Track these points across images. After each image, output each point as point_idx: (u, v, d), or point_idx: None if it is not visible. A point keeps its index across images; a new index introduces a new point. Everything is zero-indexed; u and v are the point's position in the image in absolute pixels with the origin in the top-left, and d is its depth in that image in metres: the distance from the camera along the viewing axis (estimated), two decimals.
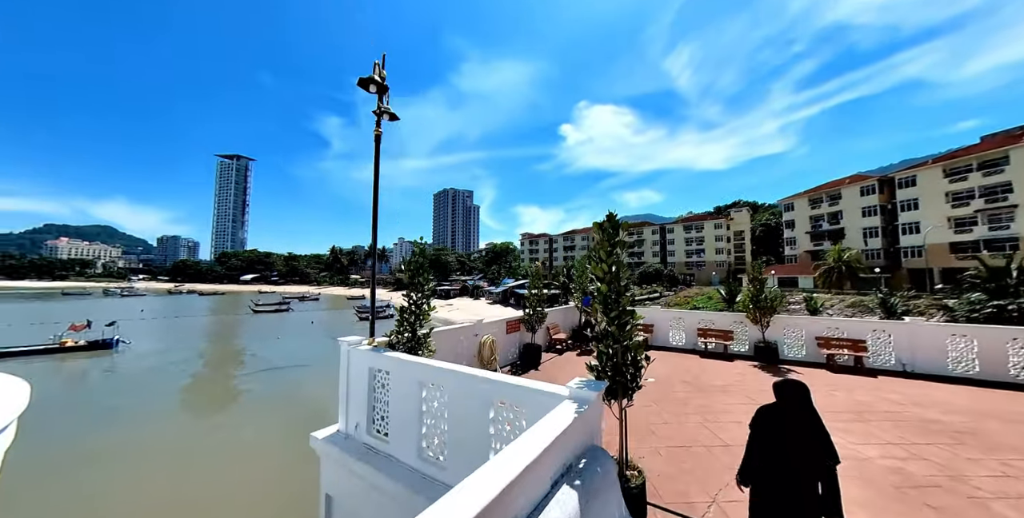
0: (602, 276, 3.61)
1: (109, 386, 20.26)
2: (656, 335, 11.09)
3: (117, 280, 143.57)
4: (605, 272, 3.59)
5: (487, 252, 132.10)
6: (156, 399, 17.65)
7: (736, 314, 10.24)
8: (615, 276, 3.56)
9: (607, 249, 3.61)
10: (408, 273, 5.71)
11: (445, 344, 7.13)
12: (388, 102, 6.27)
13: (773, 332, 9.39)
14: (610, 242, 3.61)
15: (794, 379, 2.66)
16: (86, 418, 14.97)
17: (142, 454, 11.58)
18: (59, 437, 12.57)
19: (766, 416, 2.61)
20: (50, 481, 9.64)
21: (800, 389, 2.54)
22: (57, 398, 17.72)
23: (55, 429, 13.39)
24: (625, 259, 3.75)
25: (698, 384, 7.32)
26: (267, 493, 9.45)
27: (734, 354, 9.81)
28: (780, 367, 8.65)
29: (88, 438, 12.72)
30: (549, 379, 7.95)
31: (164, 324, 43.61)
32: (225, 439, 13.17)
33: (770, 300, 9.07)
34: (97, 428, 13.80)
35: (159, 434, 13.16)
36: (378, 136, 5.75)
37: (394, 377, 4.66)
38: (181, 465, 10.82)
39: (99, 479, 9.99)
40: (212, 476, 10.32)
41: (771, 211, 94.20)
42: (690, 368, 8.56)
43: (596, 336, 3.60)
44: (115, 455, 11.53)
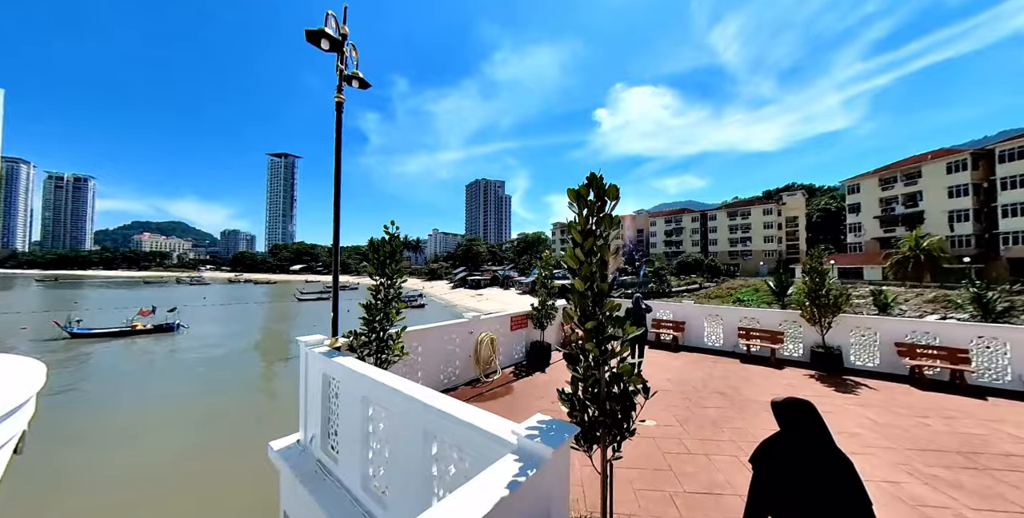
0: (577, 266, 2.54)
1: (162, 365, 22.42)
2: (688, 334, 9.67)
3: (188, 270, 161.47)
4: (581, 261, 2.51)
5: (518, 242, 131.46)
6: (185, 379, 19.15)
7: (787, 312, 8.56)
8: (598, 267, 2.47)
9: (584, 227, 2.51)
10: (373, 262, 4.92)
11: (434, 343, 6.37)
12: (358, 65, 5.45)
13: (836, 335, 7.69)
14: (591, 216, 2.50)
15: (797, 397, 2.03)
16: (130, 391, 16.89)
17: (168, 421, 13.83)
18: (111, 405, 14.98)
19: (770, 450, 2.02)
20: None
21: (807, 411, 1.95)
22: (124, 373, 20.11)
23: (112, 397, 16.02)
24: (617, 242, 2.62)
25: (736, 398, 5.99)
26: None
27: (784, 360, 8.22)
28: (844, 378, 7.02)
29: (130, 407, 14.87)
30: (554, 383, 7.04)
31: (221, 311, 47.80)
32: (238, 413, 14.55)
33: (834, 296, 7.36)
34: (144, 398, 16.02)
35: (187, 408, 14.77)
36: (339, 104, 4.92)
37: (343, 388, 3.92)
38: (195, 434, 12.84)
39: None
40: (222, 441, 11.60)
41: (831, 194, 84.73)
42: (727, 376, 7.18)
43: (569, 355, 2.56)
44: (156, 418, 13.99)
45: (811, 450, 1.85)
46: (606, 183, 2.50)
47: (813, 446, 1.85)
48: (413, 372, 6.01)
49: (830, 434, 1.89)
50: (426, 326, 6.29)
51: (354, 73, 5.30)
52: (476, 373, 6.96)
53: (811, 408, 1.94)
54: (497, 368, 7.43)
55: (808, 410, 1.93)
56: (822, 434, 1.87)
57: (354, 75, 5.31)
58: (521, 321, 8.37)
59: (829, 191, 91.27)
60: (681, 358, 8.57)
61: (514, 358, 8.21)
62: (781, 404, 2.00)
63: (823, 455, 1.83)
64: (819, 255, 7.90)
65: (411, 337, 6.00)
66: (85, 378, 19.26)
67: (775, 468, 1.94)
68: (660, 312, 10.32)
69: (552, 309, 8.36)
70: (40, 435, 12.35)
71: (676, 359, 8.50)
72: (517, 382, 6.96)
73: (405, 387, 3.08)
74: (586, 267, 2.46)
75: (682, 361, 8.32)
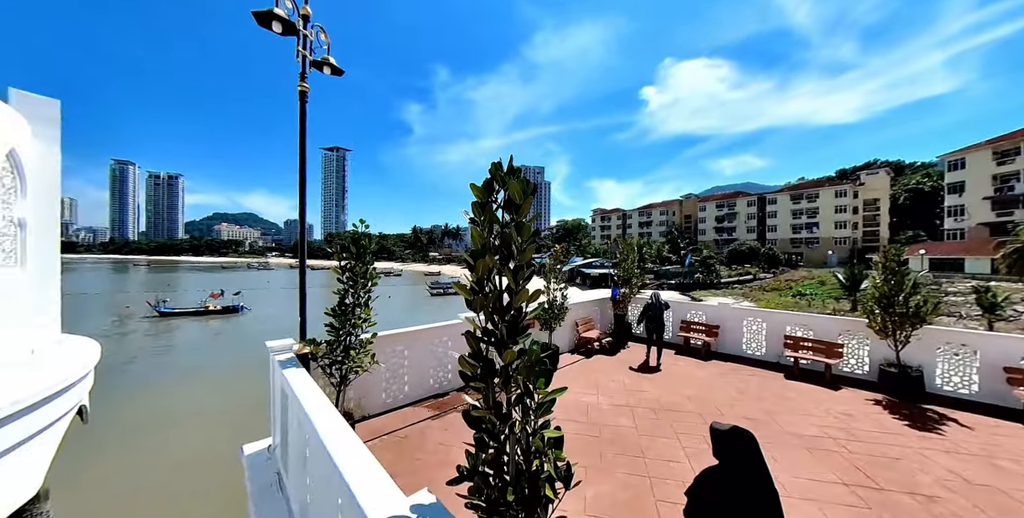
0: (470, 298, 1.84)
1: (226, 339, 25.70)
2: (723, 339, 8.41)
3: (257, 256, 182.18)
4: (475, 289, 1.80)
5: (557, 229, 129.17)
6: (229, 353, 22.16)
7: (850, 319, 7.02)
8: (504, 253, 1.74)
9: (484, 242, 1.77)
10: (344, 261, 4.52)
11: (423, 346, 5.95)
12: (329, 50, 4.95)
13: (916, 350, 6.13)
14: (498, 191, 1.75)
15: (741, 427, 1.82)
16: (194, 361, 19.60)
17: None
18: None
19: (702, 485, 1.89)
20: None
21: (746, 442, 1.76)
22: (197, 344, 23.34)
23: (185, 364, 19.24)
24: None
25: (770, 428, 4.92)
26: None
27: (841, 377, 6.80)
28: (924, 408, 5.56)
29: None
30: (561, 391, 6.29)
31: (280, 294, 52.59)
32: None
33: (915, 304, 5.81)
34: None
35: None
36: (302, 93, 4.46)
37: (290, 404, 3.59)
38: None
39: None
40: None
41: (925, 171, 72.40)
42: (764, 395, 6.02)
43: (467, 412, 1.86)
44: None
45: (742, 487, 1.73)
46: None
47: (745, 483, 1.73)
48: (399, 377, 5.67)
49: (768, 473, 1.75)
50: (413, 328, 5.88)
51: (324, 59, 4.83)
52: None
53: (752, 441, 1.79)
54: None
55: (747, 441, 1.78)
56: (759, 472, 1.74)
57: (324, 61, 4.84)
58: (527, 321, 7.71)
59: (922, 168, 78.01)
60: (710, 368, 7.45)
61: None
62: (723, 432, 1.84)
63: (753, 494, 1.70)
64: (897, 250, 6.27)
65: (396, 340, 5.64)
66: (176, 344, 22.74)
67: (704, 505, 1.85)
68: (691, 313, 9.10)
69: (562, 309, 7.61)
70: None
71: (704, 369, 7.40)
72: None
73: (320, 418, 2.61)
74: (479, 300, 1.75)
75: (711, 372, 7.21)
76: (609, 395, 6.09)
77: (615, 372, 7.27)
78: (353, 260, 4.48)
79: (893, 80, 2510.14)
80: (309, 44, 4.62)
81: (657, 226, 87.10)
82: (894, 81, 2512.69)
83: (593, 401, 5.82)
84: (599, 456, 4.26)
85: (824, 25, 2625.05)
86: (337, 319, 4.38)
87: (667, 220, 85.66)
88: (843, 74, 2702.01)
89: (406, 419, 5.23)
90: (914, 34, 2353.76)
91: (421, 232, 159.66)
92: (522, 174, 1.78)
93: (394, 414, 5.38)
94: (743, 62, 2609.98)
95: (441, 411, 5.50)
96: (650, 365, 7.63)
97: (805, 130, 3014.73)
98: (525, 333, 1.81)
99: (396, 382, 5.64)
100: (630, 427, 4.92)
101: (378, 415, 5.33)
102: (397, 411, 5.47)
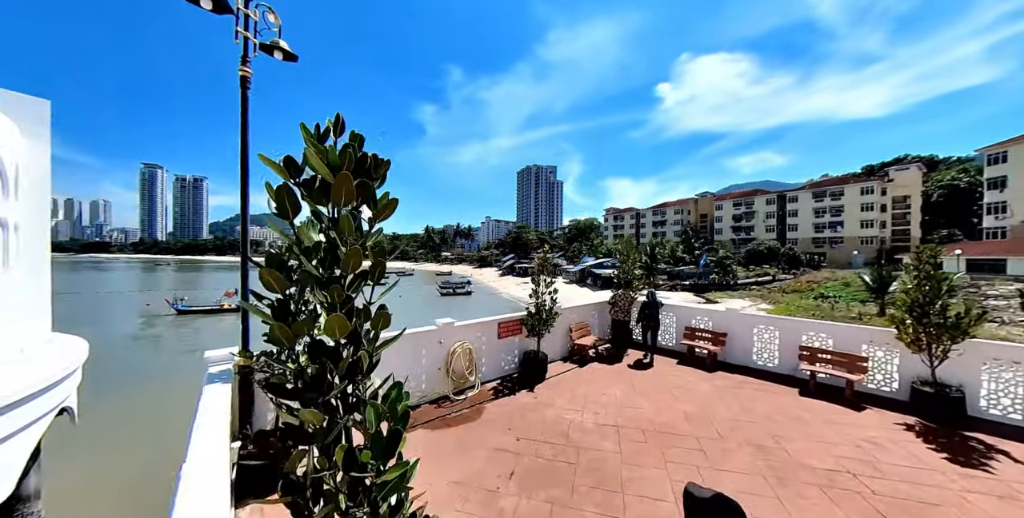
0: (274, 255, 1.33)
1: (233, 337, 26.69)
2: (731, 348, 7.65)
3: None
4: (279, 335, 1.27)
5: (570, 229, 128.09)
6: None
7: (876, 329, 6.19)
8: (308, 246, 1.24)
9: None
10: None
11: (392, 356, 5.46)
12: (280, 33, 4.50)
13: (956, 366, 5.28)
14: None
15: (726, 495, 1.48)
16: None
17: None
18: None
19: None
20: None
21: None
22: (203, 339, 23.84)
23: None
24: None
25: (777, 457, 4.23)
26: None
27: (865, 395, 5.98)
28: (966, 436, 4.73)
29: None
30: (532, 409, 5.57)
31: None
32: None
33: (957, 315, 4.97)
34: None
35: None
36: (243, 79, 4.03)
37: None
38: None
39: None
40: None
41: (961, 166, 68.20)
42: (773, 416, 5.29)
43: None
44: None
45: None
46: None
47: None
48: None
49: None
50: None
51: (274, 42, 4.39)
52: (446, 389, 5.98)
53: (739, 515, 1.45)
54: (476, 383, 6.37)
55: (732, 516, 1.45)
56: None
57: (274, 44, 4.40)
58: (512, 327, 7.16)
59: (958, 163, 73.48)
60: (715, 381, 6.72)
61: (504, 369, 7.07)
62: (702, 501, 1.52)
63: None
64: (933, 251, 5.42)
65: None
66: (176, 344, 22.80)
67: None
68: (696, 319, 8.36)
69: (551, 313, 7.02)
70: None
71: (707, 382, 6.68)
72: (493, 403, 5.84)
73: (196, 442, 2.16)
74: (279, 328, 1.22)
75: (715, 385, 6.49)
76: (596, 411, 5.47)
77: (608, 383, 6.64)
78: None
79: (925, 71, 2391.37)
80: (254, 25, 4.20)
81: (671, 225, 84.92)
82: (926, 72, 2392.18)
83: (577, 419, 5.22)
84: (570, 489, 3.67)
85: (850, 15, 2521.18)
86: None
87: (682, 219, 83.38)
88: (870, 66, 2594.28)
89: None
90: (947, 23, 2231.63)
91: (433, 232, 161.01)
92: (361, 140, 1.24)
93: None
94: (763, 56, 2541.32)
95: (407, 427, 5.00)
96: (643, 362, 7.77)
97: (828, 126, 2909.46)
98: (365, 375, 1.27)
99: None
100: (614, 452, 4.31)
101: None
102: None
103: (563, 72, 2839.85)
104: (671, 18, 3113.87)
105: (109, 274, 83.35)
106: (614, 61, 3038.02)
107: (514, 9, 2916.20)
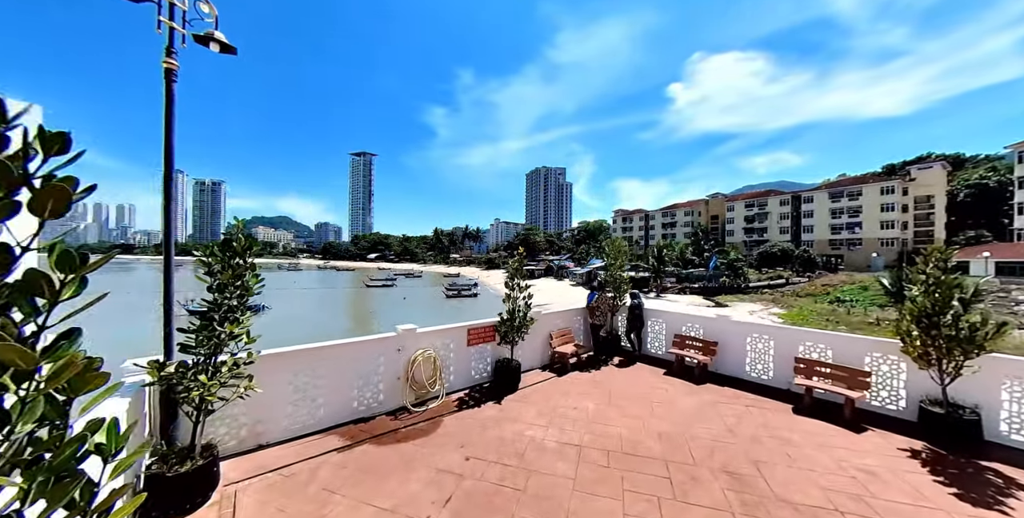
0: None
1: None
2: (722, 358, 7.09)
3: (289, 258, 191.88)
4: None
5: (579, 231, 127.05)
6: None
7: (882, 341, 5.56)
8: None
9: None
10: (212, 264, 3.75)
11: (345, 364, 5.12)
12: (217, 25, 4.22)
13: (971, 384, 4.65)
14: None
15: None
16: None
17: None
18: None
19: None
20: None
21: None
22: None
23: None
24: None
25: (755, 488, 3.69)
26: None
27: (866, 413, 5.37)
28: (983, 467, 4.11)
29: None
30: (496, 424, 5.02)
31: (303, 294, 54.29)
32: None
33: (972, 326, 4.36)
34: None
35: None
36: (168, 71, 3.75)
37: None
38: None
39: None
40: None
41: (990, 165, 65.10)
42: (760, 437, 4.74)
43: None
44: None
45: None
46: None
47: None
48: (309, 399, 4.86)
49: None
50: (331, 343, 5.06)
51: (208, 34, 4.11)
52: (404, 400, 5.60)
53: None
54: (441, 393, 5.98)
55: None
56: None
57: (209, 36, 4.11)
58: (484, 334, 6.74)
59: (986, 161, 70.12)
60: (701, 394, 6.18)
61: (474, 379, 6.66)
62: None
63: None
64: (943, 252, 4.80)
65: (306, 357, 4.84)
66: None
67: None
68: (686, 326, 7.80)
69: (525, 319, 6.59)
70: None
71: (692, 396, 6.14)
72: (454, 416, 5.43)
73: None
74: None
75: (700, 400, 5.95)
76: (563, 427, 5.02)
77: (584, 395, 6.17)
78: (220, 264, 3.70)
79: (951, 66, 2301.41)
80: (183, 15, 3.92)
81: (681, 227, 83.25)
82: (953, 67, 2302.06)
83: (538, 436, 4.77)
84: None
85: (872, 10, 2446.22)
86: (196, 335, 3.61)
87: (692, 221, 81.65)
88: (892, 62, 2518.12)
89: (307, 451, 4.40)
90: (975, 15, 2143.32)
91: (442, 234, 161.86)
92: None
93: (297, 444, 4.56)
94: (779, 54, 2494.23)
95: (353, 442, 4.64)
96: (627, 368, 7.67)
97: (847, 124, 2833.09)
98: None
99: (306, 405, 4.83)
100: (567, 478, 3.85)
101: (278, 444, 4.54)
102: (302, 440, 4.65)
103: (573, 74, 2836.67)
104: (682, 17, 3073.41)
105: (131, 276, 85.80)
106: (624, 62, 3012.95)
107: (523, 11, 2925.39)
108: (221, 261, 3.73)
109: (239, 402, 4.19)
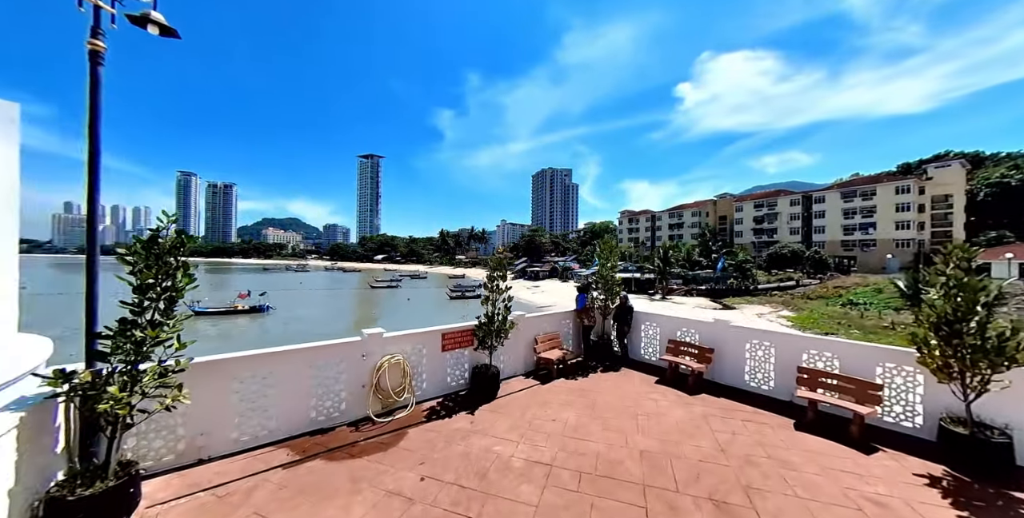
0: None
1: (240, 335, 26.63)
2: (719, 366, 6.55)
3: (297, 259, 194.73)
4: None
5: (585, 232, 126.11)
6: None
7: (896, 350, 4.99)
8: None
9: None
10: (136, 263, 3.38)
11: (302, 370, 4.74)
12: (156, 6, 3.88)
13: (1000, 401, 4.08)
14: None
15: None
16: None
17: None
18: None
19: None
20: None
21: None
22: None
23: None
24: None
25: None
26: None
27: (878, 431, 4.80)
28: (1015, 496, 3.55)
29: None
30: (464, 436, 4.57)
31: (308, 294, 54.59)
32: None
33: (1000, 335, 3.80)
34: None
35: None
36: (93, 53, 3.41)
37: None
38: None
39: None
40: None
41: (1012, 162, 62.77)
42: (754, 457, 4.23)
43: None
44: None
45: None
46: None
47: None
48: (260, 409, 4.48)
49: None
50: (281, 349, 4.67)
51: (144, 14, 3.75)
52: (368, 409, 5.19)
53: None
54: (411, 402, 5.56)
55: None
56: None
57: (145, 17, 3.77)
58: (461, 338, 6.31)
59: (1008, 159, 67.62)
60: (693, 406, 5.66)
61: (450, 386, 6.23)
62: None
63: None
64: (966, 252, 4.24)
65: (252, 363, 4.45)
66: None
67: None
68: (681, 331, 7.28)
69: (505, 323, 6.15)
70: None
71: (684, 407, 5.63)
72: (420, 427, 5.00)
73: None
74: None
75: (691, 412, 5.43)
76: (536, 443, 4.56)
77: (565, 406, 5.70)
78: (144, 264, 3.33)
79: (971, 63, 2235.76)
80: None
81: (689, 228, 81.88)
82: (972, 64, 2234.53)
83: (507, 453, 4.32)
84: None
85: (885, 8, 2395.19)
86: (113, 340, 3.25)
87: (699, 222, 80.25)
88: (908, 59, 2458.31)
89: (252, 466, 4.02)
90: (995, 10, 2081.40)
91: (448, 235, 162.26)
92: None
93: (243, 458, 4.18)
94: (789, 52, 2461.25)
95: (304, 456, 4.23)
96: (614, 374, 7.34)
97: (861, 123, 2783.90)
98: None
99: (256, 415, 4.45)
100: (528, 505, 3.39)
101: (222, 458, 4.16)
102: (250, 453, 4.27)
103: (580, 75, 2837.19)
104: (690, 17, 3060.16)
105: None
106: (632, 62, 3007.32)
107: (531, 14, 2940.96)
108: (145, 259, 3.36)
109: (178, 412, 3.85)
